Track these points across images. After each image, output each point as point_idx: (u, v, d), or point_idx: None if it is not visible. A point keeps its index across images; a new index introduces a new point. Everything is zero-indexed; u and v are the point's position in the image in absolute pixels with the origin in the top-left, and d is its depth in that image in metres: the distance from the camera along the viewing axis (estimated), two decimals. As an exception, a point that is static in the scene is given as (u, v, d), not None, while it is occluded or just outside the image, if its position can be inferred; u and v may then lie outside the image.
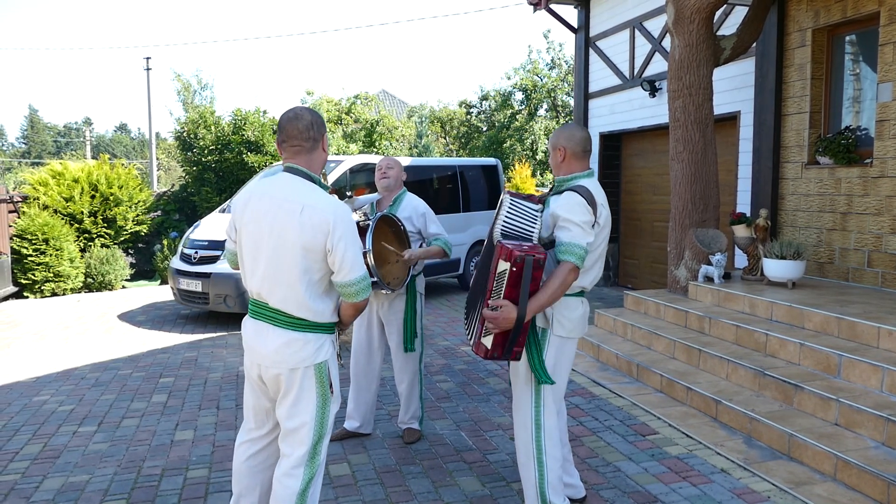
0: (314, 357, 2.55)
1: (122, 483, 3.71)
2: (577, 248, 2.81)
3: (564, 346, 3.04)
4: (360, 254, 2.52)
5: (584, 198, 2.88)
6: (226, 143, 12.82)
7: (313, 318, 2.54)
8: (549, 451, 2.99)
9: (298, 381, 2.54)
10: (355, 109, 18.91)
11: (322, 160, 2.61)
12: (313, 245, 2.44)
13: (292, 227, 2.45)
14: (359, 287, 2.52)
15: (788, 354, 4.63)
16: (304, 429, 2.57)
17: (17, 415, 4.88)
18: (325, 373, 2.58)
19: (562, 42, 23.44)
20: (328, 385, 2.59)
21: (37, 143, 59.95)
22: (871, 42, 6.06)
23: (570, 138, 3.06)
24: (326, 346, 2.59)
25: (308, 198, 2.48)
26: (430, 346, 6.70)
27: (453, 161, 10.34)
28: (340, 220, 2.46)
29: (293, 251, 2.45)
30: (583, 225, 2.84)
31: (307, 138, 2.53)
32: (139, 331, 7.76)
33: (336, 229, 2.44)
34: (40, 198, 10.90)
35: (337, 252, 2.45)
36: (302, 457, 2.58)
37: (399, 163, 4.23)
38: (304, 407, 2.57)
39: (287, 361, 2.53)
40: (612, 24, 9.50)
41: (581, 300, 3.07)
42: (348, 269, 2.48)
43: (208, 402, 5.08)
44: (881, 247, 5.79)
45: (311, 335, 2.54)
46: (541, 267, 2.70)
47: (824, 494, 3.37)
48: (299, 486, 2.57)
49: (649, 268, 9.42)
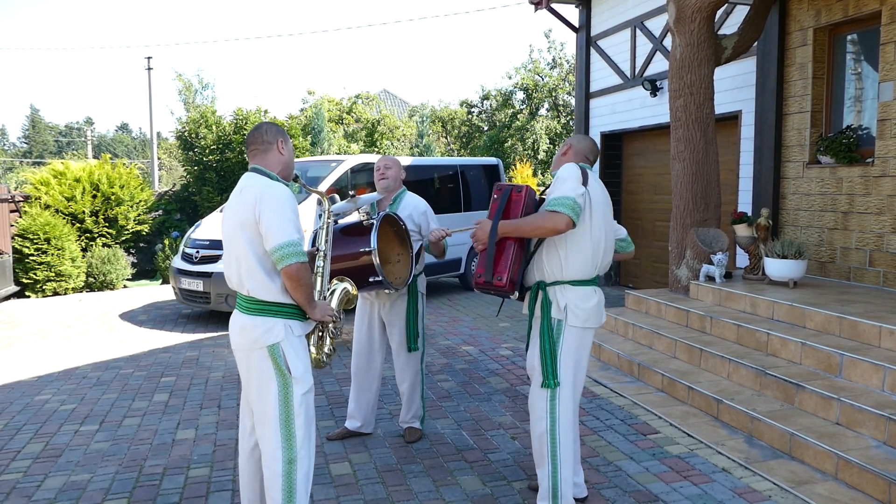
0: (264, 339, 2.69)
1: (124, 482, 3.72)
2: (565, 199, 2.91)
3: (583, 337, 3.08)
4: (286, 223, 2.63)
5: (578, 169, 3.05)
6: (227, 142, 12.83)
7: (264, 294, 2.68)
8: (564, 445, 3.02)
9: (255, 364, 2.72)
10: (356, 109, 18.92)
11: (278, 160, 2.83)
12: (247, 219, 2.66)
13: (236, 208, 2.72)
14: (284, 252, 2.61)
15: (790, 354, 4.63)
16: (268, 410, 2.71)
17: (19, 414, 4.89)
18: (279, 354, 2.70)
19: (563, 41, 23.43)
20: (285, 367, 2.71)
21: (38, 142, 59.98)
22: (872, 41, 6.05)
23: (580, 140, 3.27)
24: (277, 329, 2.70)
25: (252, 183, 2.72)
26: (431, 345, 6.70)
27: (454, 161, 10.35)
28: (267, 193, 2.65)
29: (236, 230, 2.70)
30: (573, 182, 2.95)
31: (262, 142, 2.81)
32: (141, 330, 7.77)
33: (261, 200, 2.64)
34: (42, 197, 10.92)
35: (263, 221, 2.63)
36: (273, 438, 2.71)
37: (398, 162, 4.21)
38: (264, 389, 2.71)
39: (244, 345, 2.74)
40: (613, 23, 9.50)
41: (594, 289, 3.10)
42: (273, 234, 2.62)
43: (209, 402, 5.09)
44: (882, 246, 5.79)
45: (261, 318, 2.70)
46: (519, 193, 2.98)
47: (825, 494, 3.37)
48: (280, 468, 2.70)
49: (650, 267, 9.42)
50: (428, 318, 8.06)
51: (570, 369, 3.07)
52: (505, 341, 6.84)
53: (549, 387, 3.02)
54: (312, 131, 16.57)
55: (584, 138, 3.29)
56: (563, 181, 2.98)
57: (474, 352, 6.44)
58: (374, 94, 20.58)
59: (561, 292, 3.04)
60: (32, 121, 61.43)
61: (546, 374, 3.02)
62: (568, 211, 2.88)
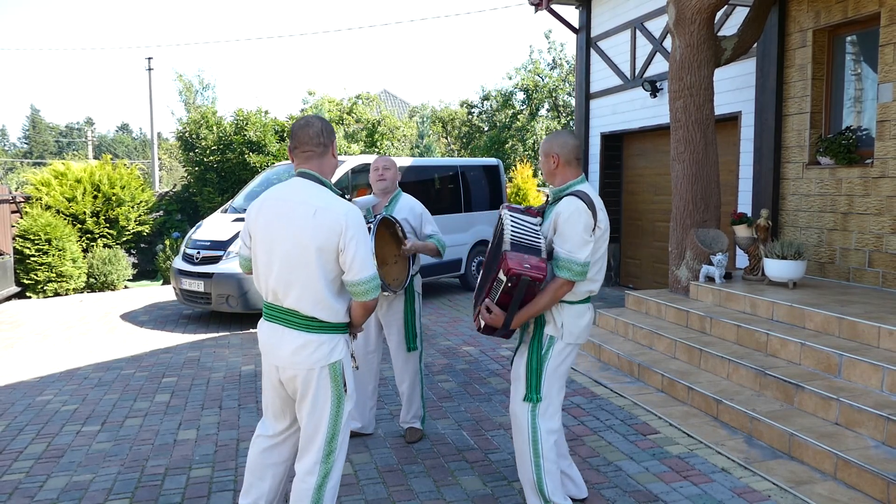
0: (328, 357, 2.62)
1: (126, 482, 3.73)
2: (573, 264, 2.87)
3: (571, 353, 3.07)
4: (370, 254, 2.60)
5: (584, 202, 2.93)
6: (228, 143, 12.85)
7: (328, 317, 2.61)
8: (546, 455, 3.01)
9: (315, 382, 2.62)
10: (357, 109, 18.93)
11: (333, 165, 2.71)
12: (326, 245, 2.53)
13: (306, 229, 2.53)
14: (368, 286, 2.59)
15: (789, 354, 4.64)
16: (321, 428, 2.66)
17: (21, 414, 4.91)
18: (340, 372, 2.65)
19: (563, 42, 23.47)
20: (342, 384, 2.66)
21: (39, 143, 60.02)
22: (871, 42, 6.07)
23: (563, 146, 3.06)
24: (340, 346, 2.66)
25: (320, 201, 2.57)
26: (432, 346, 6.71)
27: (455, 161, 10.35)
28: (352, 222, 2.55)
29: (307, 252, 2.53)
30: (582, 234, 2.87)
31: (318, 144, 2.63)
32: (142, 331, 7.78)
33: (348, 230, 2.53)
34: (43, 198, 10.94)
35: (348, 251, 2.54)
36: (318, 454, 2.66)
37: (395, 163, 4.21)
38: (322, 407, 2.65)
39: (304, 363, 2.60)
40: (613, 24, 9.52)
41: (588, 306, 3.09)
42: (358, 268, 2.55)
43: (211, 402, 5.10)
44: (882, 247, 5.80)
45: (325, 336, 2.61)
46: (535, 287, 2.83)
47: (825, 493, 3.39)
48: (315, 481, 2.67)
49: (651, 268, 9.43)
50: (428, 318, 8.07)
51: (555, 384, 3.05)
52: (505, 342, 6.86)
53: (530, 401, 3.01)
54: (313, 132, 16.54)
55: (565, 141, 3.07)
56: (571, 226, 2.88)
57: (475, 352, 6.46)
58: (374, 95, 20.59)
59: (557, 311, 3.01)
60: (33, 121, 61.47)
61: (529, 388, 3.02)
62: (571, 276, 2.87)
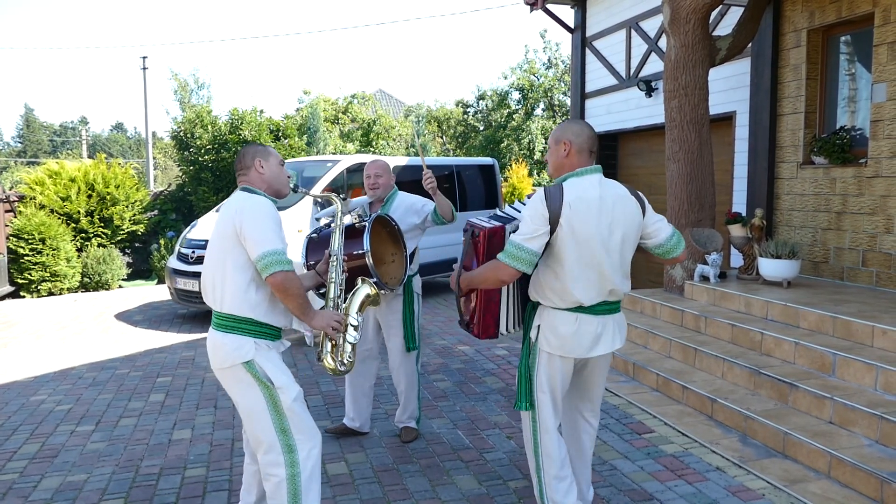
0: (234, 357, 2.68)
1: (120, 482, 3.72)
2: (511, 245, 2.69)
3: (552, 363, 2.82)
4: (268, 232, 2.65)
5: (546, 194, 2.71)
6: (223, 142, 12.82)
7: (238, 309, 2.68)
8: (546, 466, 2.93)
9: (230, 380, 2.74)
10: (352, 109, 18.93)
11: (260, 178, 2.87)
12: (225, 230, 2.71)
13: (217, 223, 2.79)
14: (267, 261, 2.61)
15: (783, 353, 4.66)
16: (255, 423, 2.72)
17: (15, 414, 4.89)
18: (256, 369, 2.70)
19: (558, 42, 23.52)
20: (265, 378, 2.70)
21: (33, 142, 59.73)
22: (865, 43, 6.09)
23: (578, 133, 2.80)
24: (247, 347, 2.70)
25: (234, 199, 2.80)
26: (427, 345, 6.71)
27: (450, 160, 10.36)
28: (247, 205, 2.72)
29: (213, 242, 2.76)
30: (528, 222, 2.68)
31: (242, 167, 2.90)
32: (136, 330, 7.76)
33: (241, 212, 2.69)
34: (37, 197, 10.90)
35: (244, 231, 2.66)
36: (269, 450, 2.71)
37: (387, 167, 4.15)
38: (251, 401, 2.72)
39: (213, 362, 2.76)
40: (608, 24, 9.53)
41: (575, 316, 2.76)
42: (256, 244, 2.63)
43: (206, 402, 5.09)
44: (875, 246, 5.82)
45: (229, 336, 2.70)
46: (475, 238, 2.85)
47: (818, 492, 3.40)
48: (284, 472, 2.69)
49: (646, 267, 9.44)
50: (423, 317, 8.07)
51: (547, 393, 2.86)
52: (501, 341, 6.86)
53: (521, 409, 2.88)
54: (308, 131, 16.56)
55: (581, 129, 2.82)
56: (524, 212, 2.74)
57: (470, 352, 6.46)
58: (369, 94, 20.60)
59: (539, 313, 2.85)
60: (27, 120, 61.16)
61: (519, 396, 2.87)
62: (511, 262, 2.66)
